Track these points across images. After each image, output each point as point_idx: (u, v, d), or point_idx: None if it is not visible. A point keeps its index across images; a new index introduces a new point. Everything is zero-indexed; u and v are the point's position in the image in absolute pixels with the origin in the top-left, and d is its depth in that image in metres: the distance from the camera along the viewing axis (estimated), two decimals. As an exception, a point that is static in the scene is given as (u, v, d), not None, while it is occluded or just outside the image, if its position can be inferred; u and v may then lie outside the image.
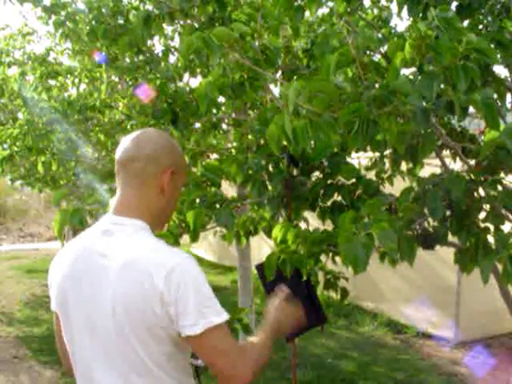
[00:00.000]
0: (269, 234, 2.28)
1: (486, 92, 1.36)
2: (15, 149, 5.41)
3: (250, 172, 2.21)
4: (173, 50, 4.23)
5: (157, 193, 1.33)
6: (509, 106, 2.09)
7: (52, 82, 5.81)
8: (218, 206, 2.15)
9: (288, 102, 1.35)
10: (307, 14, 2.32)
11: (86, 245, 1.33)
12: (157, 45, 4.84)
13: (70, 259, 1.34)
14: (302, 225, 2.34)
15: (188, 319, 1.19)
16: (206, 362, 1.28)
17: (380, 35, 2.34)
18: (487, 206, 1.82)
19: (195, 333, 1.19)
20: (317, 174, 2.23)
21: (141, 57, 3.93)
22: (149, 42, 3.97)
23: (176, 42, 4.83)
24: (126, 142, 1.34)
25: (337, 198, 2.15)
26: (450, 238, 1.87)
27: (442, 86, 1.39)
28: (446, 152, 2.13)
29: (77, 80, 5.79)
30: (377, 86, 1.46)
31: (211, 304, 1.23)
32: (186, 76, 4.08)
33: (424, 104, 1.38)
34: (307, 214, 2.33)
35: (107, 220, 1.33)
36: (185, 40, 1.69)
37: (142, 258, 1.23)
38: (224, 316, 1.24)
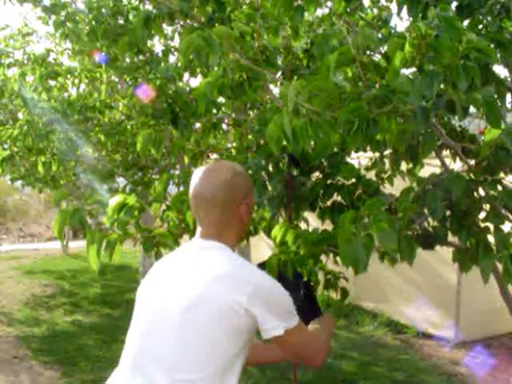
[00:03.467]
0: (269, 234, 2.27)
1: (487, 90, 1.36)
2: (15, 149, 5.41)
3: (250, 172, 2.20)
4: (173, 50, 4.23)
5: (238, 222, 1.52)
6: (509, 106, 2.09)
7: (52, 83, 5.81)
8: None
9: (287, 101, 1.35)
10: (307, 13, 2.32)
11: (177, 255, 1.54)
12: (157, 45, 4.84)
13: (161, 266, 1.55)
14: (302, 225, 2.34)
15: (270, 323, 1.38)
16: (293, 356, 1.56)
17: (380, 35, 2.35)
18: (487, 206, 1.82)
19: (278, 334, 1.38)
20: (317, 174, 2.22)
21: (141, 57, 3.93)
22: (149, 42, 3.96)
23: (176, 42, 4.84)
24: (198, 181, 1.50)
25: (337, 198, 2.15)
26: (450, 237, 1.87)
27: (442, 85, 1.39)
28: (446, 152, 2.13)
29: (77, 80, 5.79)
30: (377, 85, 1.47)
31: (286, 307, 1.43)
32: (186, 76, 4.09)
33: (424, 103, 1.38)
34: (307, 214, 2.33)
35: (197, 241, 1.52)
36: (185, 38, 1.69)
37: (232, 272, 1.41)
38: (296, 318, 1.43)
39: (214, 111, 3.11)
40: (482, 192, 1.83)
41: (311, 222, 2.39)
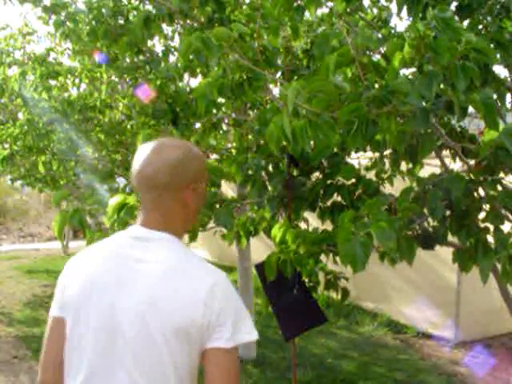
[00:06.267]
0: (269, 234, 2.28)
1: (485, 92, 1.36)
2: (15, 148, 5.42)
3: (250, 172, 2.21)
4: (173, 50, 4.23)
5: (182, 207, 1.33)
6: (509, 106, 2.09)
7: (52, 82, 5.81)
8: (217, 206, 2.15)
9: (287, 101, 1.35)
10: (307, 14, 2.32)
11: (115, 249, 1.31)
12: (157, 45, 4.84)
13: (96, 263, 1.31)
14: (302, 225, 2.34)
15: (225, 332, 1.20)
16: (215, 379, 1.21)
17: (380, 35, 2.35)
18: (487, 206, 1.82)
19: (227, 347, 1.20)
20: (316, 174, 2.23)
21: (141, 57, 3.93)
22: (149, 42, 3.97)
23: (176, 42, 4.84)
24: (142, 158, 1.30)
25: (336, 198, 2.16)
26: (450, 237, 1.87)
27: (442, 85, 1.40)
28: (445, 152, 2.13)
29: (77, 80, 5.80)
30: (376, 86, 1.47)
31: (247, 322, 1.25)
32: (186, 76, 4.09)
33: (423, 104, 1.38)
34: (307, 213, 2.33)
35: (137, 231, 1.32)
36: (184, 40, 1.69)
37: (184, 268, 1.25)
38: (254, 335, 1.25)
39: (214, 111, 3.12)
40: (481, 192, 1.83)
41: (311, 221, 2.39)
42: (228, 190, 6.06)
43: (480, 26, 1.95)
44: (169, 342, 1.19)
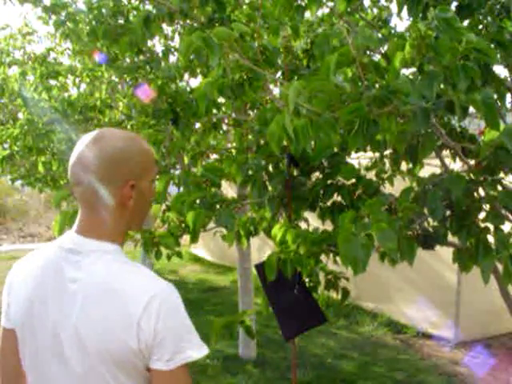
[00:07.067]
0: (269, 234, 2.28)
1: (486, 92, 1.36)
2: (15, 148, 5.42)
3: (250, 172, 2.21)
4: (173, 50, 4.24)
5: (120, 207, 1.19)
6: (509, 106, 2.09)
7: (52, 82, 5.82)
8: (218, 206, 2.15)
9: (288, 101, 1.35)
10: (307, 14, 2.32)
11: (50, 265, 1.19)
12: (157, 45, 4.84)
13: (35, 278, 1.20)
14: (303, 225, 2.34)
15: (165, 353, 1.10)
16: None
17: (380, 35, 2.35)
18: (487, 206, 1.82)
19: (169, 368, 1.10)
20: (317, 174, 2.23)
21: (141, 57, 3.94)
22: (149, 42, 3.97)
23: (176, 42, 4.84)
24: (80, 148, 1.17)
25: (337, 198, 2.16)
26: (450, 237, 1.87)
27: (442, 85, 1.40)
28: (445, 152, 2.14)
29: (78, 80, 5.80)
30: (377, 85, 1.47)
31: (191, 337, 1.14)
32: (186, 76, 4.09)
33: (424, 104, 1.38)
34: (307, 214, 2.33)
35: (71, 239, 1.19)
36: (184, 39, 1.69)
37: (118, 287, 1.12)
38: (204, 351, 1.14)
39: (214, 111, 3.12)
40: (482, 192, 1.83)
41: (311, 221, 2.40)
42: (228, 189, 6.06)
43: (480, 26, 1.95)
44: (116, 377, 1.12)
